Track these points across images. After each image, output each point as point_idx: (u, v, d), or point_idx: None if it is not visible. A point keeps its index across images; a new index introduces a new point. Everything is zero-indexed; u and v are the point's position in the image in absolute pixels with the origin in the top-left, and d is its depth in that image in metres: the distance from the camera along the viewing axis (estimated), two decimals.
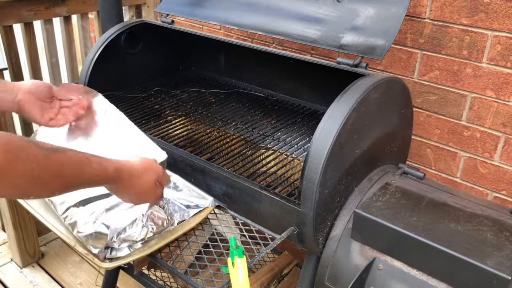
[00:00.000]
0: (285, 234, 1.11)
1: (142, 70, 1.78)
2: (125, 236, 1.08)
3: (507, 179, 1.45)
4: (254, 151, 1.37)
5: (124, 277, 1.98)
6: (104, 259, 1.06)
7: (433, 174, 1.62)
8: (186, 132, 1.48)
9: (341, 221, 1.14)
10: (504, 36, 1.33)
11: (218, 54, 1.87)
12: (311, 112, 1.61)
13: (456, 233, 0.98)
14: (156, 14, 2.29)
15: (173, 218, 1.16)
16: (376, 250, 1.05)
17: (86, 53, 2.14)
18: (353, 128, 1.08)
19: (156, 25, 1.69)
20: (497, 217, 1.05)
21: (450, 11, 1.41)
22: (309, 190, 1.05)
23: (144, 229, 1.10)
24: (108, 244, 1.07)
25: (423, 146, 1.61)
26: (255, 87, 1.80)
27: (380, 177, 1.21)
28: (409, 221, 1.01)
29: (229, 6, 1.53)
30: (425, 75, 1.52)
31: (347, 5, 1.31)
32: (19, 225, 2.05)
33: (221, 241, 1.17)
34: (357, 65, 1.22)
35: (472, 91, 1.44)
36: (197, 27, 2.20)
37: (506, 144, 1.42)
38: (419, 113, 1.57)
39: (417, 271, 0.99)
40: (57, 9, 1.92)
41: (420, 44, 1.50)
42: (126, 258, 1.07)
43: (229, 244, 1.05)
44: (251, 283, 1.63)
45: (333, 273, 1.12)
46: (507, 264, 0.88)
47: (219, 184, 1.24)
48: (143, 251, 1.08)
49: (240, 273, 0.98)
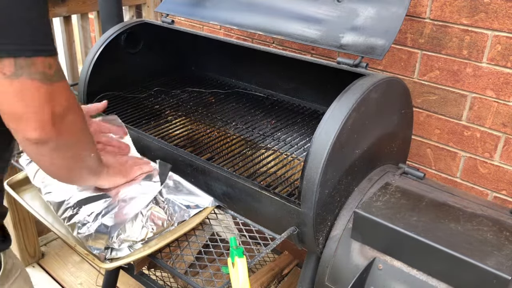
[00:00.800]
0: (285, 234, 1.11)
1: (142, 70, 1.78)
2: (125, 237, 1.08)
3: (507, 179, 1.45)
4: (254, 151, 1.37)
5: (124, 277, 1.98)
6: (105, 260, 1.06)
7: (433, 174, 1.62)
8: (186, 132, 1.48)
9: (341, 221, 1.14)
10: (504, 36, 1.33)
11: (218, 54, 1.87)
12: (311, 112, 1.61)
13: (456, 233, 0.98)
14: (156, 14, 2.29)
15: (173, 218, 1.16)
16: (376, 250, 1.05)
17: (86, 53, 2.14)
18: (353, 128, 1.08)
19: (156, 25, 1.69)
20: (497, 217, 1.05)
21: (450, 11, 1.41)
22: (309, 190, 1.05)
23: (144, 229, 1.10)
24: (108, 245, 1.07)
25: (423, 146, 1.61)
26: (255, 87, 1.80)
27: (380, 177, 1.21)
28: (409, 221, 1.01)
29: (229, 6, 1.53)
30: (425, 75, 1.52)
31: (347, 5, 1.31)
32: (19, 225, 2.05)
33: (221, 241, 1.17)
34: (357, 65, 1.22)
35: (472, 91, 1.44)
36: (197, 27, 2.20)
37: (506, 144, 1.42)
38: (419, 113, 1.57)
39: (417, 271, 0.99)
40: (57, 9, 1.92)
41: (420, 44, 1.50)
42: (127, 258, 1.07)
43: (229, 244, 1.05)
44: (251, 283, 1.63)
45: (333, 273, 1.12)
46: (507, 264, 0.88)
47: (219, 184, 1.24)
48: (143, 251, 1.08)
49: (240, 273, 0.98)
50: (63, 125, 0.79)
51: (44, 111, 0.74)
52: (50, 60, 0.74)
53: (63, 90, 0.77)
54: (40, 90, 0.72)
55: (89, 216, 1.10)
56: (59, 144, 0.81)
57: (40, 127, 0.75)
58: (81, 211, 1.12)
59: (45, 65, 0.72)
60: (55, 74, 0.75)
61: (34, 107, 0.73)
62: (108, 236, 1.07)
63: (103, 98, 1.60)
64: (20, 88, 0.71)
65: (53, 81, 0.74)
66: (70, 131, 0.82)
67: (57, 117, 0.76)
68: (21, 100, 0.72)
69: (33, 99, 0.72)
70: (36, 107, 0.73)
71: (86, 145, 0.91)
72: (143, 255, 1.08)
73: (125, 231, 1.08)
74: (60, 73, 0.77)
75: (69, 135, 0.82)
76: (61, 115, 0.77)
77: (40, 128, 0.75)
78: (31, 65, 0.71)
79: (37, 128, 0.75)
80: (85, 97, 1.55)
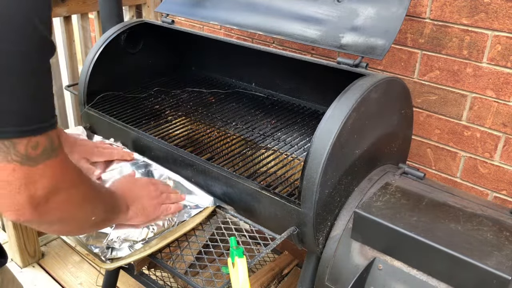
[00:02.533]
0: (285, 234, 1.11)
1: (142, 70, 1.78)
2: (125, 236, 1.08)
3: (507, 179, 1.45)
4: (254, 151, 1.37)
5: (124, 277, 1.98)
6: (105, 259, 1.06)
7: (433, 174, 1.62)
8: (186, 132, 1.48)
9: (341, 221, 1.14)
10: (504, 36, 1.33)
11: (218, 54, 1.87)
12: (311, 112, 1.61)
13: (456, 233, 0.98)
14: (156, 14, 2.29)
15: (173, 218, 1.16)
16: (376, 250, 1.05)
17: (86, 53, 2.14)
18: (353, 128, 1.08)
19: (156, 25, 1.69)
20: (497, 217, 1.05)
21: (450, 11, 1.41)
22: (309, 190, 1.05)
23: (144, 229, 1.10)
24: (108, 244, 1.07)
25: (423, 146, 1.61)
26: (255, 87, 1.80)
27: (380, 177, 1.21)
28: (409, 221, 1.01)
29: (229, 6, 1.53)
30: (425, 75, 1.52)
31: (347, 5, 1.31)
32: (19, 225, 2.05)
33: (221, 241, 1.17)
34: (357, 65, 1.22)
35: (472, 91, 1.44)
36: (197, 27, 2.20)
37: (506, 144, 1.42)
38: (419, 113, 1.57)
39: (417, 271, 0.99)
40: (57, 9, 1.92)
41: (420, 44, 1.50)
42: (127, 259, 1.07)
43: (229, 244, 1.05)
44: (251, 283, 1.63)
45: (333, 273, 1.12)
46: (507, 264, 0.88)
47: (219, 184, 1.24)
48: (144, 252, 1.08)
49: (240, 273, 0.98)
50: (48, 206, 0.70)
51: (20, 195, 0.65)
52: (39, 138, 0.65)
53: (50, 170, 0.68)
54: (15, 173, 0.64)
55: None
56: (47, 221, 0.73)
57: (16, 210, 0.67)
58: None
59: (29, 146, 0.64)
60: (42, 154, 0.66)
61: (8, 190, 0.65)
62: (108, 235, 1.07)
63: (103, 98, 1.60)
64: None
65: (38, 163, 0.66)
66: (61, 209, 0.73)
67: (38, 199, 0.67)
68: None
69: (8, 181, 0.64)
70: (11, 191, 0.65)
71: (89, 212, 0.83)
72: (143, 255, 1.08)
73: (125, 231, 1.08)
74: (49, 151, 0.67)
75: (59, 213, 0.74)
76: (45, 197, 0.68)
77: (15, 211, 0.67)
78: (10, 147, 0.62)
79: (12, 211, 0.67)
80: (85, 97, 1.55)
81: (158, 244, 1.10)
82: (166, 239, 1.12)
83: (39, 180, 0.67)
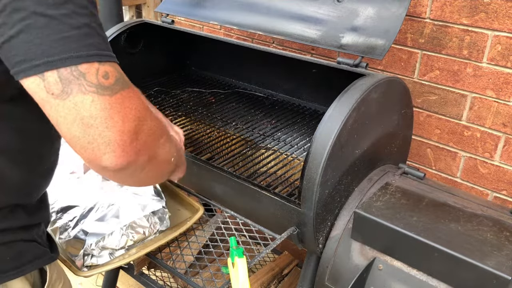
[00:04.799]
0: (285, 234, 1.11)
1: (142, 70, 1.78)
2: (104, 244, 1.07)
3: (507, 179, 1.45)
4: (254, 151, 1.37)
5: (124, 277, 1.98)
6: (82, 266, 1.05)
7: (433, 174, 1.62)
8: (186, 132, 1.48)
9: (341, 221, 1.14)
10: (504, 36, 1.33)
11: (218, 54, 1.87)
12: (311, 112, 1.61)
13: (456, 233, 0.98)
14: (156, 14, 2.30)
15: (156, 227, 1.15)
16: (376, 250, 1.05)
17: None
18: (353, 128, 1.07)
19: (156, 25, 1.69)
20: (497, 217, 1.05)
21: (450, 11, 1.41)
22: (309, 190, 1.05)
23: (123, 237, 1.09)
24: (86, 251, 1.06)
25: (423, 146, 1.61)
26: (255, 87, 1.80)
27: (380, 177, 1.21)
28: (409, 221, 1.01)
29: (229, 6, 1.53)
30: (425, 75, 1.52)
31: (347, 5, 1.31)
32: None
33: (221, 241, 1.17)
34: (357, 65, 1.22)
35: (472, 91, 1.44)
36: (197, 27, 2.20)
37: (506, 144, 1.42)
38: (419, 113, 1.57)
39: (417, 271, 0.99)
40: None
41: (420, 44, 1.50)
42: (105, 266, 1.05)
43: (229, 244, 1.05)
44: (251, 283, 1.63)
45: (333, 273, 1.12)
46: (507, 264, 0.88)
47: (219, 184, 1.24)
48: (123, 259, 1.07)
49: (240, 273, 0.98)
50: (139, 142, 0.64)
51: (109, 130, 0.60)
52: (107, 68, 0.62)
53: (129, 100, 0.63)
54: (95, 104, 0.59)
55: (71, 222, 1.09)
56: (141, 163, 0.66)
57: (112, 151, 0.61)
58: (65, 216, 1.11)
59: (99, 75, 0.60)
60: (116, 83, 0.62)
61: (95, 127, 0.60)
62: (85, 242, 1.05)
63: None
64: (73, 108, 0.59)
65: (115, 92, 0.61)
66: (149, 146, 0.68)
67: (129, 133, 0.62)
68: (79, 123, 0.59)
69: (91, 115, 0.59)
70: (97, 127, 0.60)
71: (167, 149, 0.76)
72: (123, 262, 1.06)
73: (103, 238, 1.07)
74: (122, 82, 0.64)
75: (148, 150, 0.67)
76: (134, 130, 0.63)
77: (112, 153, 0.61)
78: (80, 77, 0.58)
79: (109, 152, 0.61)
80: None
81: (139, 252, 1.08)
82: (147, 248, 1.10)
83: (122, 111, 0.62)
